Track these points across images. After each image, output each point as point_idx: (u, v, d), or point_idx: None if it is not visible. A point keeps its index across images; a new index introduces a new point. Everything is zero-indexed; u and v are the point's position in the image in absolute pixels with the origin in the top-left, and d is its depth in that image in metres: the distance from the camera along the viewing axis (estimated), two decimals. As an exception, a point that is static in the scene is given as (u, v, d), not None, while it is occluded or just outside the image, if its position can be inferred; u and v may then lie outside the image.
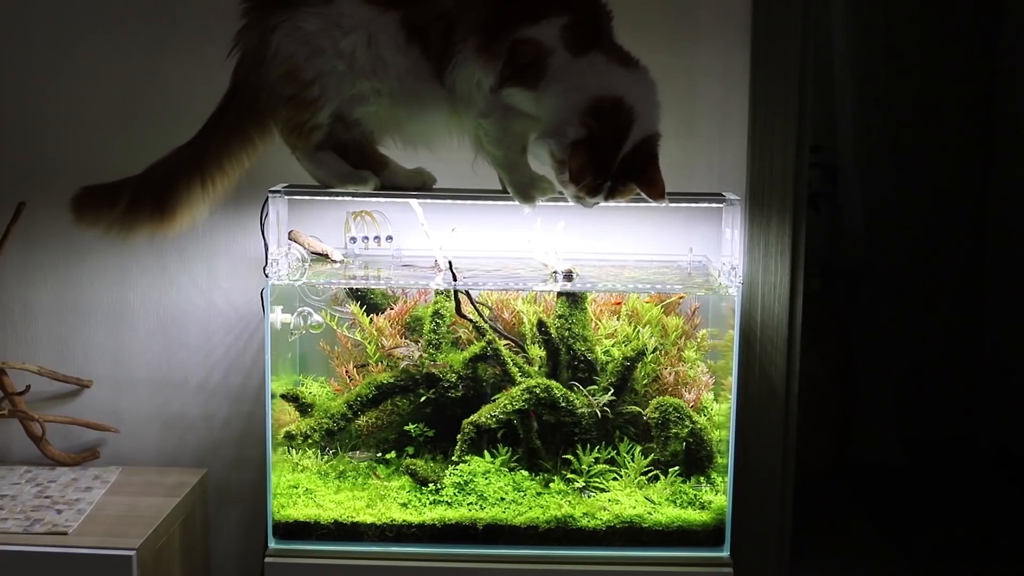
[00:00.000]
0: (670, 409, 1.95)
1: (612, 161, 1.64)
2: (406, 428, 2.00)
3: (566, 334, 1.99)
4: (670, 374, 2.01)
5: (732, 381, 1.91)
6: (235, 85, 1.80)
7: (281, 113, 1.76)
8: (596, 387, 1.98)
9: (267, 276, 1.88)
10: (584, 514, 1.90)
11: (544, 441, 1.97)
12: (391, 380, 2.00)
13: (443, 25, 1.70)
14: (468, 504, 1.91)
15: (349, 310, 2.03)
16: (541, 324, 1.99)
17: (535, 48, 1.66)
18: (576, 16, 1.68)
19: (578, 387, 1.97)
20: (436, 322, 2.03)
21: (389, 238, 2.06)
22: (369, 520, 1.89)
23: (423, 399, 2.00)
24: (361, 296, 2.06)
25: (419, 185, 1.87)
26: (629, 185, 1.68)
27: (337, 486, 1.96)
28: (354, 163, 1.81)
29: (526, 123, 1.71)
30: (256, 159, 1.85)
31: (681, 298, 2.04)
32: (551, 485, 1.94)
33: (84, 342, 2.19)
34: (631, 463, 1.95)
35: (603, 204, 1.71)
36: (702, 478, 1.95)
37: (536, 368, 2.01)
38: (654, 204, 1.71)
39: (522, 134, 1.73)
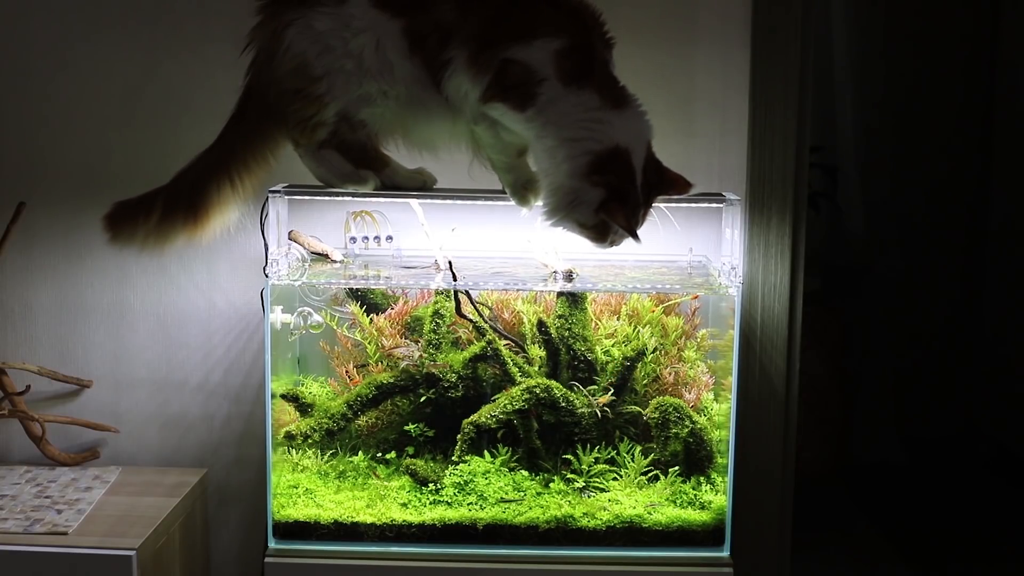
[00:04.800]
0: (670, 409, 1.95)
1: (636, 194, 1.67)
2: (406, 428, 2.00)
3: (566, 334, 1.99)
4: (670, 374, 2.01)
5: (732, 381, 1.91)
6: (249, 82, 1.81)
7: (287, 107, 1.77)
8: (596, 387, 1.98)
9: (267, 276, 1.88)
10: (584, 514, 1.90)
11: (544, 441, 1.97)
12: (391, 380, 2.00)
13: (440, 36, 1.71)
14: (468, 504, 1.91)
15: (349, 310, 2.04)
16: (541, 324, 1.99)
17: (525, 71, 1.64)
18: (571, 40, 1.66)
19: (578, 387, 1.97)
20: (436, 322, 2.03)
21: (389, 238, 2.06)
22: (369, 520, 1.89)
23: (423, 399, 2.00)
24: (361, 296, 2.06)
25: (419, 185, 1.87)
26: (655, 198, 1.71)
27: (337, 486, 1.96)
28: (355, 162, 1.81)
29: (515, 134, 1.71)
30: (281, 156, 1.86)
31: (695, 298, 2.04)
32: (551, 485, 1.94)
33: (84, 342, 2.19)
34: (631, 463, 1.95)
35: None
36: (704, 477, 1.95)
37: (536, 368, 2.01)
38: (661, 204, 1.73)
39: (514, 141, 1.73)
